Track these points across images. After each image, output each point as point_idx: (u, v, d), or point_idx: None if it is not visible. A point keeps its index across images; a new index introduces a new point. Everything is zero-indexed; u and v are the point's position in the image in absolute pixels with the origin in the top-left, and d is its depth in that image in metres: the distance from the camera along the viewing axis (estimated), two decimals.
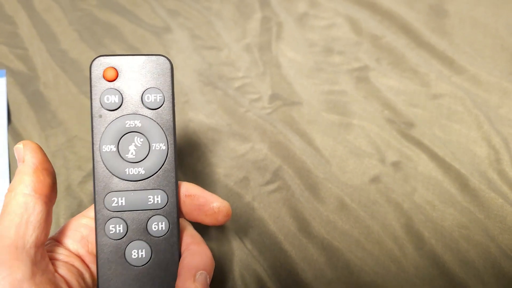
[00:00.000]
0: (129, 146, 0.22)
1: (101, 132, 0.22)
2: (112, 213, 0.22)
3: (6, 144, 0.38)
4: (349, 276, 0.30)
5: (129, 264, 0.22)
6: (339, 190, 0.34)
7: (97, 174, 0.22)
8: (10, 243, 0.18)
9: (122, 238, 0.22)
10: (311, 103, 0.40)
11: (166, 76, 0.23)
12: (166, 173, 0.23)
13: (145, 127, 0.23)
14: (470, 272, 0.30)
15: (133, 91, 0.22)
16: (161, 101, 0.23)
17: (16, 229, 0.19)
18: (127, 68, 0.22)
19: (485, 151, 0.36)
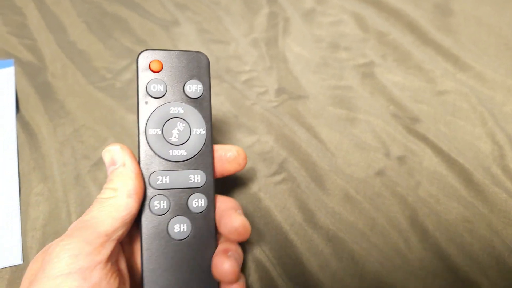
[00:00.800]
0: (173, 130, 0.25)
1: (147, 117, 0.25)
2: (156, 190, 0.24)
3: (14, 133, 0.38)
4: (354, 266, 0.30)
5: (171, 238, 0.24)
6: (344, 182, 0.34)
7: (143, 155, 0.24)
8: (103, 230, 0.21)
9: (165, 213, 0.24)
10: (317, 98, 0.41)
11: (205, 70, 0.26)
12: (205, 155, 0.25)
13: (187, 113, 0.25)
14: (474, 265, 0.30)
15: (175, 81, 0.25)
16: (200, 92, 0.25)
17: (112, 222, 0.21)
18: (171, 62, 0.25)
19: (489, 147, 0.37)
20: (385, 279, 0.29)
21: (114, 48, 0.46)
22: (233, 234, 0.24)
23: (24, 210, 0.33)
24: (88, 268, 0.20)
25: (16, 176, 0.35)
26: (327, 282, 0.29)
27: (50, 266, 0.20)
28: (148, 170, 0.24)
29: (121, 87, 0.42)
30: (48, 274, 0.20)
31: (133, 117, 0.39)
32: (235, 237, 0.24)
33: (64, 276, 0.19)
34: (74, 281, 0.19)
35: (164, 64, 0.25)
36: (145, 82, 0.25)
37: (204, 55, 0.26)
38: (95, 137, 0.38)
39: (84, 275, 0.20)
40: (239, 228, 0.24)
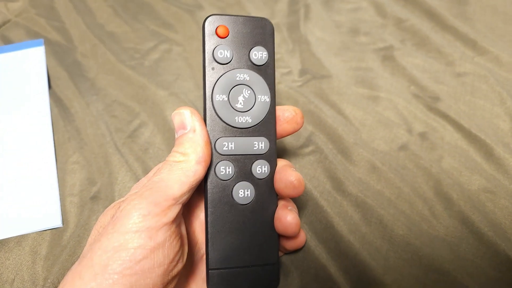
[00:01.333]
0: (238, 97, 0.25)
1: (213, 83, 0.25)
2: (222, 156, 0.25)
3: (48, 106, 0.39)
4: (383, 230, 0.31)
5: (235, 202, 0.24)
6: (370, 155, 0.36)
7: (209, 120, 0.25)
8: (171, 194, 0.22)
9: (230, 179, 0.25)
10: (340, 77, 0.42)
11: (269, 37, 0.26)
12: (269, 123, 0.25)
13: (253, 80, 0.25)
14: (498, 231, 0.31)
15: (242, 48, 0.25)
16: (266, 59, 0.25)
17: (180, 186, 0.22)
18: (236, 28, 0.25)
19: (508, 125, 0.38)
20: (413, 242, 0.30)
21: (140, 31, 0.47)
22: (288, 188, 0.24)
23: (62, 177, 0.35)
24: (155, 228, 0.21)
25: (52, 145, 0.36)
26: (357, 244, 0.30)
27: (120, 223, 0.21)
28: (214, 136, 0.25)
29: (150, 66, 0.43)
30: (118, 229, 0.21)
31: (163, 93, 0.40)
32: (290, 191, 0.25)
33: (132, 233, 0.20)
34: (141, 239, 0.20)
35: (230, 29, 0.25)
36: (211, 47, 0.25)
37: (269, 22, 0.26)
38: (128, 112, 0.39)
39: (150, 234, 0.21)
40: (295, 181, 0.24)
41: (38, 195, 0.33)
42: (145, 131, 0.38)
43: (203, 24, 0.25)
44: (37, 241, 0.31)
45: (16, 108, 0.39)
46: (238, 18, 0.25)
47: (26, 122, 0.38)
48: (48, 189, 0.34)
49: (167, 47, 0.45)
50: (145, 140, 0.37)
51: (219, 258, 0.24)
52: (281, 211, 0.25)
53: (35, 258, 0.30)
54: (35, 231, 0.32)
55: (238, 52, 0.25)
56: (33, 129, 0.37)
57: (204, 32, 0.25)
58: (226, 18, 0.25)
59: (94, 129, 0.38)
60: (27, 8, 0.49)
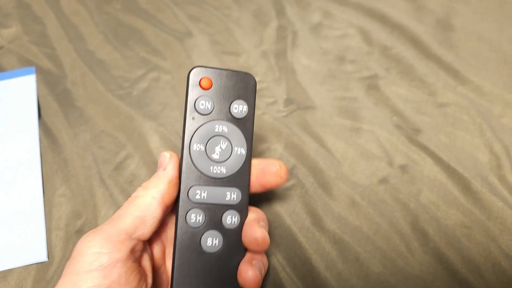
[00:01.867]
0: (215, 147, 0.26)
1: (192, 132, 0.26)
2: (194, 204, 0.25)
3: (37, 137, 0.40)
4: (359, 268, 0.32)
5: (203, 250, 0.25)
6: (350, 189, 0.36)
7: (185, 168, 0.25)
8: (123, 228, 0.22)
9: (200, 227, 0.25)
10: (324, 108, 0.43)
11: (251, 91, 0.27)
12: (243, 174, 0.26)
13: (231, 132, 0.26)
14: (472, 269, 0.32)
15: (223, 100, 0.26)
16: (245, 112, 0.26)
17: (133, 220, 0.23)
18: (220, 80, 0.26)
19: (487, 157, 0.39)
20: (388, 279, 0.31)
21: (130, 58, 0.48)
22: (253, 244, 0.25)
23: (48, 210, 0.36)
24: (109, 266, 0.21)
25: (39, 178, 0.37)
26: (334, 282, 0.31)
27: (74, 262, 0.21)
28: (188, 183, 0.25)
29: (137, 95, 0.44)
30: (72, 270, 0.21)
31: (150, 124, 0.41)
32: (254, 247, 0.25)
33: (86, 273, 0.21)
34: (95, 278, 0.21)
35: (213, 82, 0.26)
36: (194, 98, 0.26)
37: (252, 77, 0.27)
38: (115, 143, 0.40)
39: (104, 273, 0.21)
40: (259, 239, 0.25)
41: (24, 229, 0.34)
42: (131, 163, 0.39)
43: (188, 75, 0.26)
44: (23, 276, 0.32)
45: (5, 139, 0.40)
46: (222, 71, 0.26)
47: (15, 153, 0.39)
48: (35, 223, 0.35)
49: (155, 75, 0.46)
50: (130, 172, 0.38)
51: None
52: (243, 265, 0.25)
53: None
54: (21, 266, 0.32)
55: (219, 104, 0.26)
56: (21, 160, 0.38)
57: (188, 82, 0.26)
58: (211, 70, 0.26)
59: (81, 160, 0.39)
60: (20, 34, 0.50)
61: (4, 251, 0.33)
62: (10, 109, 0.42)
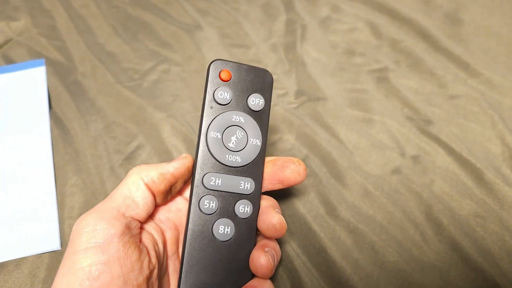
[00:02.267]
0: (232, 137, 0.26)
1: (210, 120, 0.26)
2: (208, 190, 0.25)
3: (48, 128, 0.40)
4: (374, 256, 0.32)
5: (215, 237, 0.25)
6: (363, 179, 0.36)
7: (201, 155, 0.26)
8: (115, 206, 0.23)
9: (213, 213, 0.25)
10: (335, 99, 0.43)
11: (268, 86, 0.27)
12: (257, 165, 0.27)
13: (247, 123, 0.27)
14: (487, 258, 0.32)
15: (241, 92, 0.27)
16: (262, 106, 0.27)
17: (124, 199, 0.24)
18: (239, 74, 0.27)
19: (499, 149, 0.39)
20: (404, 268, 0.31)
21: (139, 51, 0.48)
22: (270, 231, 0.25)
23: (61, 200, 0.35)
24: (105, 241, 0.21)
25: (51, 168, 0.37)
26: (349, 270, 0.31)
27: (71, 243, 0.22)
28: (203, 169, 0.26)
29: (148, 87, 0.44)
30: (70, 250, 0.21)
31: (161, 115, 0.41)
32: (272, 233, 0.25)
33: (83, 251, 0.21)
34: (93, 255, 0.21)
35: (233, 75, 0.27)
36: (213, 88, 0.26)
37: (270, 73, 0.28)
38: (126, 133, 0.40)
39: (101, 249, 0.21)
40: (276, 224, 0.25)
41: (37, 218, 0.34)
42: (142, 152, 0.38)
43: (209, 66, 0.26)
44: (36, 264, 0.32)
45: (17, 130, 0.39)
46: (242, 65, 0.27)
47: (27, 144, 0.39)
48: (47, 212, 0.34)
49: (165, 67, 0.46)
50: (142, 161, 0.38)
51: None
52: (256, 251, 0.25)
53: (33, 281, 0.31)
54: (34, 254, 0.32)
55: (237, 96, 0.27)
56: (33, 151, 0.38)
57: (209, 73, 0.26)
58: (231, 64, 0.27)
59: (92, 150, 0.38)
60: (29, 27, 0.50)
61: (17, 240, 0.33)
62: (21, 100, 0.42)
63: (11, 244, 0.33)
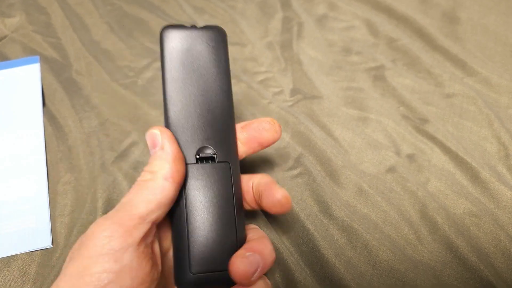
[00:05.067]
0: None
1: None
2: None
3: (42, 125, 0.40)
4: (368, 255, 0.31)
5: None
6: (358, 177, 0.36)
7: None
8: (137, 213, 0.22)
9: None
10: (330, 98, 0.43)
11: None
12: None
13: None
14: (482, 257, 0.32)
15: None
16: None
17: (146, 205, 0.22)
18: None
19: (495, 148, 0.38)
20: (397, 267, 0.31)
21: (135, 48, 0.48)
22: (276, 207, 0.24)
23: (53, 198, 0.35)
24: (120, 250, 0.20)
25: (44, 166, 0.37)
26: (342, 269, 0.31)
27: (85, 247, 0.21)
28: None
29: (143, 85, 0.44)
30: (82, 253, 0.20)
31: (155, 113, 0.41)
32: (278, 209, 0.24)
33: (96, 257, 0.20)
34: (105, 262, 0.20)
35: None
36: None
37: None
38: (120, 131, 0.39)
39: (115, 257, 0.20)
40: (282, 199, 0.24)
41: (29, 216, 0.34)
42: (136, 150, 0.38)
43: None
44: (27, 262, 0.32)
45: (10, 127, 0.39)
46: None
47: (20, 141, 0.38)
48: (39, 210, 0.34)
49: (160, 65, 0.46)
50: (135, 159, 0.38)
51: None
52: (235, 258, 0.24)
53: (24, 279, 0.31)
54: (25, 252, 0.32)
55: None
56: (26, 148, 0.38)
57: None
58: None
59: (85, 147, 0.38)
60: (24, 24, 0.50)
61: (8, 238, 0.33)
62: (15, 97, 0.42)
63: (1, 241, 0.32)
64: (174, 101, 0.26)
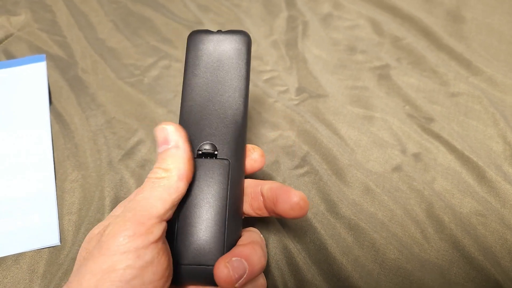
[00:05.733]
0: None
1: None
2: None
3: (48, 123, 0.40)
4: (375, 253, 0.32)
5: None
6: (364, 176, 0.36)
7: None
8: (155, 212, 0.22)
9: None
10: (336, 97, 0.43)
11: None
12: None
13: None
14: (489, 256, 0.32)
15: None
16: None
17: (163, 204, 0.22)
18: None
19: (501, 147, 0.39)
20: (405, 266, 0.31)
21: (140, 46, 0.48)
22: (294, 210, 0.24)
23: (60, 195, 0.35)
24: (143, 247, 0.21)
25: (51, 164, 0.37)
26: (350, 267, 0.31)
27: (106, 246, 0.21)
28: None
29: (149, 83, 0.44)
30: (104, 252, 0.21)
31: (162, 111, 0.41)
32: (297, 212, 0.24)
33: (120, 254, 0.20)
34: (129, 259, 0.20)
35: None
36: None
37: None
38: (126, 129, 0.40)
39: (138, 254, 0.21)
40: (300, 201, 0.24)
41: (37, 213, 0.34)
42: (143, 148, 0.38)
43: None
44: (35, 260, 0.32)
45: (17, 125, 0.39)
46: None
47: (27, 139, 0.38)
48: (47, 207, 0.34)
49: (166, 63, 0.46)
50: (141, 157, 0.38)
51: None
52: (218, 263, 0.23)
53: (32, 276, 0.31)
54: (33, 249, 0.32)
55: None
56: (33, 146, 0.38)
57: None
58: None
59: (92, 145, 0.38)
60: (29, 22, 0.50)
61: (16, 235, 0.33)
62: (21, 96, 0.42)
63: (10, 239, 0.33)
64: (190, 96, 0.27)
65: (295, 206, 0.24)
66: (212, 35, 0.28)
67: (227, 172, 0.25)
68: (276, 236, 0.33)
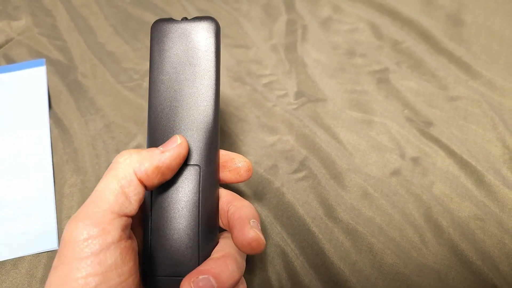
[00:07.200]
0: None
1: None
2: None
3: (48, 127, 0.40)
4: (373, 258, 0.32)
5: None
6: (362, 180, 0.36)
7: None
8: (108, 208, 0.20)
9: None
10: (335, 100, 0.43)
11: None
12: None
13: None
14: (487, 260, 0.32)
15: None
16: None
17: (115, 197, 0.20)
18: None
19: (500, 151, 0.38)
20: (402, 270, 0.31)
21: (140, 50, 0.48)
22: (245, 248, 0.22)
23: (59, 200, 0.35)
24: (102, 251, 0.19)
25: (50, 168, 0.37)
26: (348, 272, 0.31)
27: (64, 251, 0.19)
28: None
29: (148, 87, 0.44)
30: (63, 261, 0.19)
31: None
32: (248, 251, 0.22)
33: (78, 261, 0.19)
34: (88, 266, 0.19)
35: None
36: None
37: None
38: (125, 133, 0.40)
39: (98, 259, 0.19)
40: (252, 242, 0.22)
41: (35, 218, 0.34)
42: None
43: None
44: (34, 264, 0.32)
45: (17, 129, 0.40)
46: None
47: (26, 143, 0.39)
48: (46, 212, 0.34)
49: None
50: None
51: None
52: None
53: (31, 281, 0.31)
54: (32, 254, 0.32)
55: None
56: (32, 150, 0.38)
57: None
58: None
59: (91, 149, 0.38)
60: (30, 26, 0.50)
61: (15, 239, 0.33)
62: (21, 100, 0.42)
63: (8, 243, 0.33)
64: (156, 96, 0.25)
65: (247, 246, 0.22)
66: (177, 24, 0.26)
67: (198, 179, 0.24)
68: (273, 240, 0.33)
